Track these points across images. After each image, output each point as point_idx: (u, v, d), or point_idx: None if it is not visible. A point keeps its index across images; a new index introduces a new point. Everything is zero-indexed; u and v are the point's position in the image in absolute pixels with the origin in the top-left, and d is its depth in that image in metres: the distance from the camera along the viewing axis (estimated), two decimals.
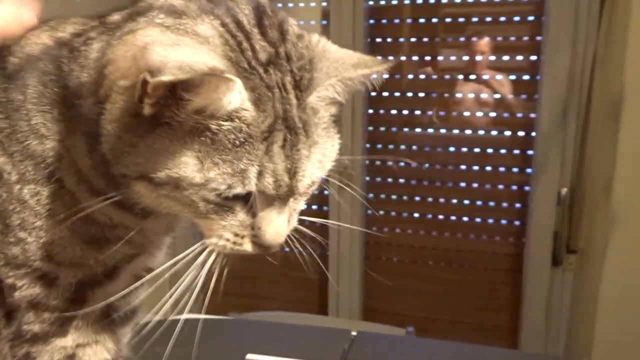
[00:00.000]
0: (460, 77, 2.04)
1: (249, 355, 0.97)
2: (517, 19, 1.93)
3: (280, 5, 0.52)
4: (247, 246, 0.50)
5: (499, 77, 1.99)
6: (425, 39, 2.06)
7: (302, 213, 0.55)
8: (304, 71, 0.49)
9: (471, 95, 2.04)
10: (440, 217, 2.10)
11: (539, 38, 1.89)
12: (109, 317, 0.60)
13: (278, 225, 0.50)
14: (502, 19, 1.95)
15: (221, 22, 0.47)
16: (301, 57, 0.49)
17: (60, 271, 0.54)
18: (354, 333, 1.08)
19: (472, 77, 2.02)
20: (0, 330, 0.56)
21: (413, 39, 2.07)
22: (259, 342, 1.03)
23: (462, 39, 2.01)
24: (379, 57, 0.53)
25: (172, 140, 0.45)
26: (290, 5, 2.12)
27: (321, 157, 0.50)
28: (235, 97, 0.44)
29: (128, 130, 0.46)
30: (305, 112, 0.49)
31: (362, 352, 1.02)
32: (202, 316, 0.66)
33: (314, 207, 2.08)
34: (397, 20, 2.08)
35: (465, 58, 2.02)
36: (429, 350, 1.12)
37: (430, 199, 2.10)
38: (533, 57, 1.91)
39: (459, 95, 2.06)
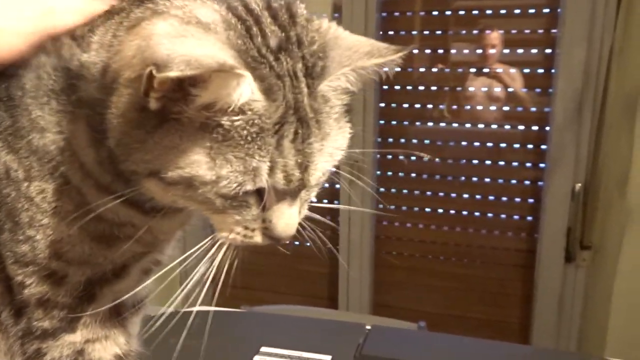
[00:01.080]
0: (473, 70, 2.02)
1: (263, 348, 0.96)
2: (532, 11, 1.91)
3: None
4: (258, 238, 0.50)
5: (513, 70, 1.97)
6: (438, 32, 2.04)
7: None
8: (316, 58, 0.47)
9: (484, 89, 2.02)
10: (452, 212, 2.08)
11: (554, 31, 1.87)
12: (118, 313, 0.59)
13: (289, 218, 0.49)
14: (517, 11, 1.92)
15: (227, 5, 0.45)
16: (312, 42, 0.47)
17: (69, 269, 0.53)
18: (368, 327, 1.07)
19: (485, 70, 2.00)
20: (9, 328, 0.55)
21: (425, 32, 2.05)
22: (273, 334, 1.02)
23: (475, 31, 1.99)
24: (393, 46, 0.51)
25: (182, 137, 0.43)
26: None
27: (332, 149, 0.48)
28: (246, 90, 0.42)
29: (135, 125, 0.44)
30: (316, 101, 0.47)
31: (377, 346, 1.01)
32: (216, 309, 0.65)
33: (325, 201, 2.06)
34: (409, 13, 2.06)
35: (479, 51, 1.99)
36: (443, 345, 1.10)
37: (441, 194, 2.08)
38: (548, 50, 1.89)
39: (471, 89, 2.03)
